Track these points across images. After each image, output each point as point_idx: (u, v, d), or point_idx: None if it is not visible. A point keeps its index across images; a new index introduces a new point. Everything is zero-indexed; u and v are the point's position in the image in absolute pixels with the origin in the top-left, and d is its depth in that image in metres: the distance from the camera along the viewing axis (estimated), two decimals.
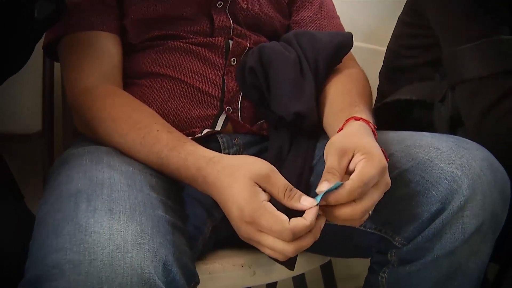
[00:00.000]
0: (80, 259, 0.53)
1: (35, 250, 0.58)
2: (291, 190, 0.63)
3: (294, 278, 1.13)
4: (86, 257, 0.53)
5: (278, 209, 0.61)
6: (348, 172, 0.65)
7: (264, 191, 0.63)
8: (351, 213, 0.62)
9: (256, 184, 0.62)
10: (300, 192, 0.63)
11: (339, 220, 0.63)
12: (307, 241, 0.61)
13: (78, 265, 0.53)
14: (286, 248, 0.60)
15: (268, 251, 0.62)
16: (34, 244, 0.59)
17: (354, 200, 0.62)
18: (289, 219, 0.60)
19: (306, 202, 0.62)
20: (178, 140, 0.72)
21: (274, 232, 0.60)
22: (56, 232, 0.57)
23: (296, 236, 0.60)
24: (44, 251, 0.55)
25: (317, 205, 0.61)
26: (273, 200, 0.63)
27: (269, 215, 0.60)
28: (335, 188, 0.61)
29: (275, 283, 1.28)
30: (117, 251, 0.54)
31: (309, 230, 0.61)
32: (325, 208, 0.63)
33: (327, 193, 0.61)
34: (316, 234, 0.62)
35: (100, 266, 0.53)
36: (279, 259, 0.63)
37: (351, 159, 0.65)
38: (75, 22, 0.84)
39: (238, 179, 0.63)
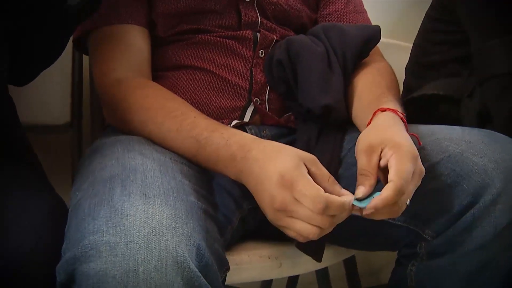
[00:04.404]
0: (116, 241, 0.54)
1: (72, 233, 0.59)
2: (334, 179, 0.65)
3: (317, 272, 1.13)
4: (122, 239, 0.54)
5: None
6: (381, 168, 0.65)
7: (308, 172, 0.64)
8: (389, 210, 0.62)
9: (302, 162, 0.64)
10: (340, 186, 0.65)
11: (378, 217, 0.63)
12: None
13: (115, 246, 0.54)
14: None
15: (300, 225, 0.62)
16: (71, 227, 0.60)
17: None
18: None
19: (347, 194, 0.64)
20: (219, 124, 0.73)
21: (308, 196, 0.60)
22: (92, 215, 0.58)
23: (327, 210, 0.60)
24: (81, 233, 0.56)
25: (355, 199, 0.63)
26: None
27: (307, 181, 0.62)
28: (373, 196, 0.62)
29: (297, 277, 1.28)
30: (153, 234, 0.55)
31: (341, 212, 0.62)
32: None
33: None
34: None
35: (136, 248, 0.54)
36: (313, 234, 0.62)
37: (381, 154, 0.65)
38: (105, 16, 0.85)
39: (285, 154, 0.65)
